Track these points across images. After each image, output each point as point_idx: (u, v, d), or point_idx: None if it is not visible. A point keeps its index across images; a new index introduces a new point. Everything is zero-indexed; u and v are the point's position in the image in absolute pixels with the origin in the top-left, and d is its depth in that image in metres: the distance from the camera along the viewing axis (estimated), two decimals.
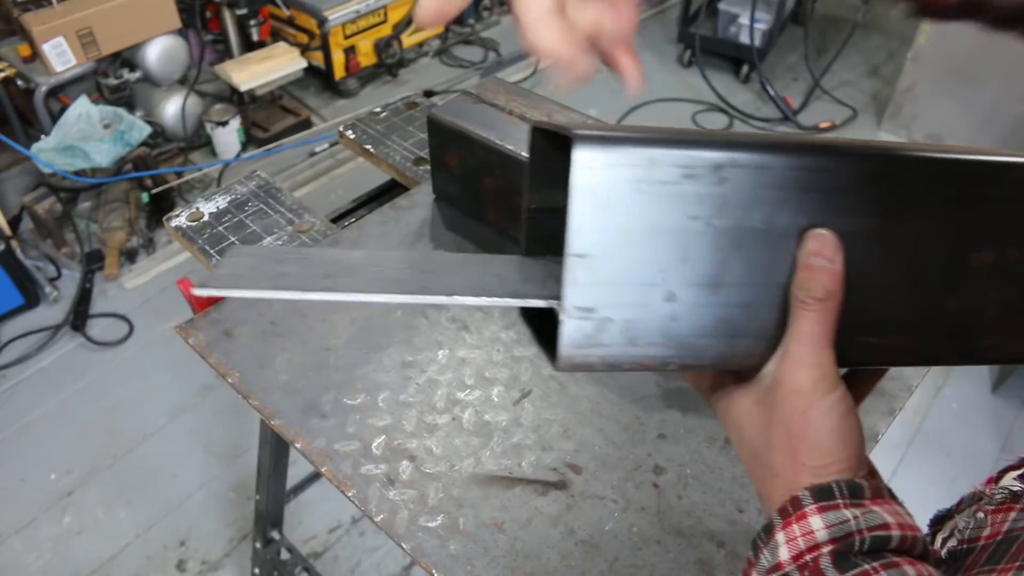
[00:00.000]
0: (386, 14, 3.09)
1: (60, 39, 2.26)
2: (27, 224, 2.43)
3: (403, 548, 0.68)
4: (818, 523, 0.37)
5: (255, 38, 2.89)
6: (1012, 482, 0.51)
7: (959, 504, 0.56)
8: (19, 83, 2.36)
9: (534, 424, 0.78)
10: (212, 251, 0.96)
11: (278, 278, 0.40)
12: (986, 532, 0.48)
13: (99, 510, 1.82)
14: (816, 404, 0.39)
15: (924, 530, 0.59)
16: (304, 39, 2.95)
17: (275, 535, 1.39)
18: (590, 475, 0.74)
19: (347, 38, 3.01)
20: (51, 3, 2.28)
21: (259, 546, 1.39)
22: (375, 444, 0.76)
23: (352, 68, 3.09)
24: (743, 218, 0.40)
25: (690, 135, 0.40)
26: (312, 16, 2.87)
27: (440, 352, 0.84)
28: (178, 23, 2.50)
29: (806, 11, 3.55)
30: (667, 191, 0.39)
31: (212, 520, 1.80)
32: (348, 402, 0.79)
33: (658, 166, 0.39)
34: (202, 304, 0.90)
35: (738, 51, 3.29)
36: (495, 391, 0.81)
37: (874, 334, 0.43)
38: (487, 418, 0.79)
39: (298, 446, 0.75)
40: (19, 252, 2.17)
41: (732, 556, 0.69)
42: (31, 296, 2.23)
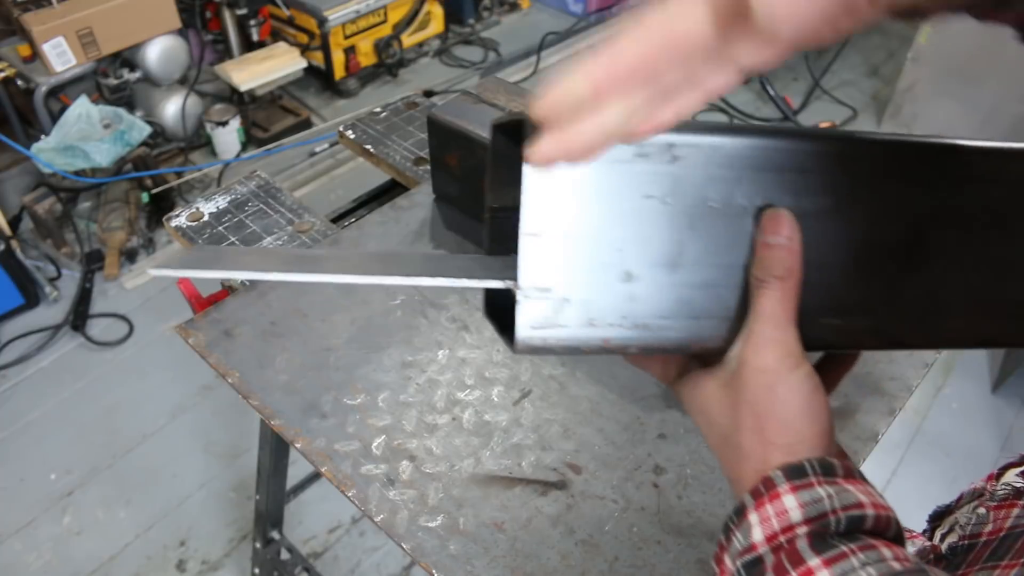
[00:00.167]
0: (386, 14, 3.09)
1: (60, 39, 2.26)
2: (27, 224, 2.43)
3: (403, 548, 0.68)
4: (792, 502, 0.37)
5: (255, 38, 2.89)
6: (1015, 478, 0.51)
7: (959, 500, 0.56)
8: (19, 83, 2.36)
9: (534, 424, 0.78)
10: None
11: (237, 262, 0.40)
12: (988, 528, 0.48)
13: (99, 510, 1.82)
14: (782, 381, 0.39)
15: (923, 527, 0.58)
16: (304, 39, 2.95)
17: (275, 535, 1.39)
18: (590, 475, 0.74)
19: (347, 38, 3.01)
20: (51, 3, 2.28)
21: (259, 546, 1.39)
22: (375, 444, 0.75)
23: (352, 68, 3.09)
24: (698, 197, 0.40)
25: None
26: (312, 16, 2.87)
27: (440, 352, 0.85)
28: (178, 23, 2.50)
29: None
30: (620, 170, 0.39)
31: (212, 520, 1.80)
32: (348, 402, 0.79)
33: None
34: (202, 304, 0.90)
35: None
36: (495, 391, 0.81)
37: (837, 315, 0.43)
38: (487, 418, 0.79)
39: (298, 446, 0.75)
40: (19, 252, 2.17)
41: None
42: (31, 296, 2.23)
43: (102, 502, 1.83)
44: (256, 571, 1.46)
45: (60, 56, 2.28)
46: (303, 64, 2.83)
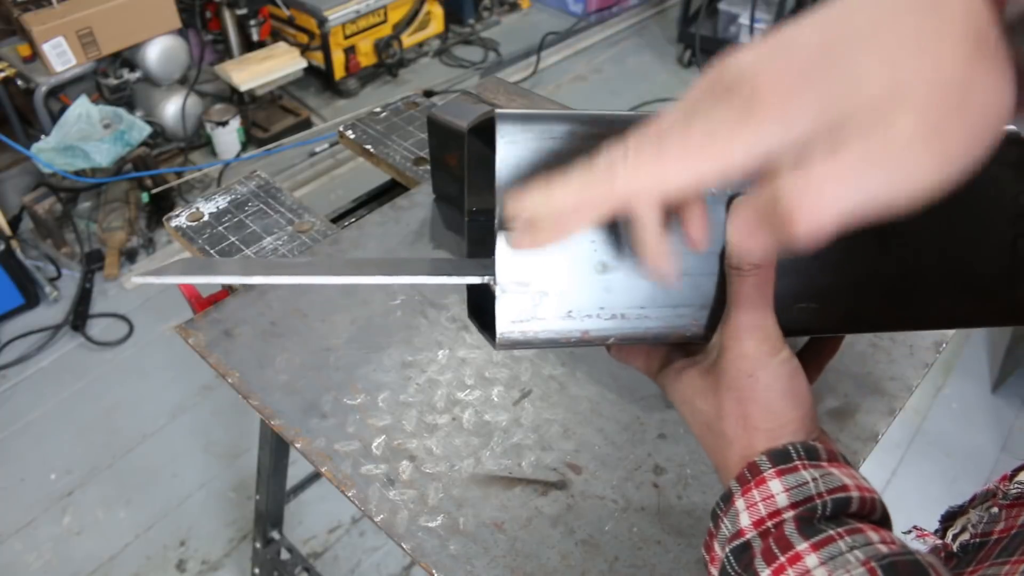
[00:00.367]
0: (386, 14, 3.09)
1: (60, 39, 2.26)
2: (27, 224, 2.44)
3: (403, 548, 0.68)
4: (777, 487, 0.37)
5: (255, 38, 2.89)
6: None
7: (971, 500, 0.56)
8: (19, 83, 2.36)
9: (534, 424, 0.78)
10: (212, 251, 0.96)
11: (215, 269, 0.41)
12: (1000, 526, 0.48)
13: (99, 510, 1.82)
14: (762, 367, 0.39)
15: (935, 526, 0.58)
16: (304, 39, 2.95)
17: (275, 535, 1.39)
18: (590, 475, 0.74)
19: (347, 38, 3.01)
20: (51, 3, 2.29)
21: (259, 546, 1.39)
22: (375, 444, 0.76)
23: (352, 68, 3.10)
24: None
25: (610, 113, 0.40)
26: (312, 16, 2.87)
27: (440, 352, 0.84)
28: (178, 23, 2.50)
29: (806, 11, 3.55)
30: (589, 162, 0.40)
31: (212, 520, 1.81)
32: (348, 402, 0.79)
33: (578, 138, 0.40)
34: (202, 304, 0.90)
35: None
36: (495, 391, 0.81)
37: (814, 300, 0.43)
38: (487, 418, 0.79)
39: (298, 446, 0.75)
40: (19, 252, 2.17)
41: None
42: (31, 296, 2.23)
43: (102, 502, 1.83)
44: (256, 571, 1.46)
45: (60, 56, 2.28)
46: (303, 64, 2.83)
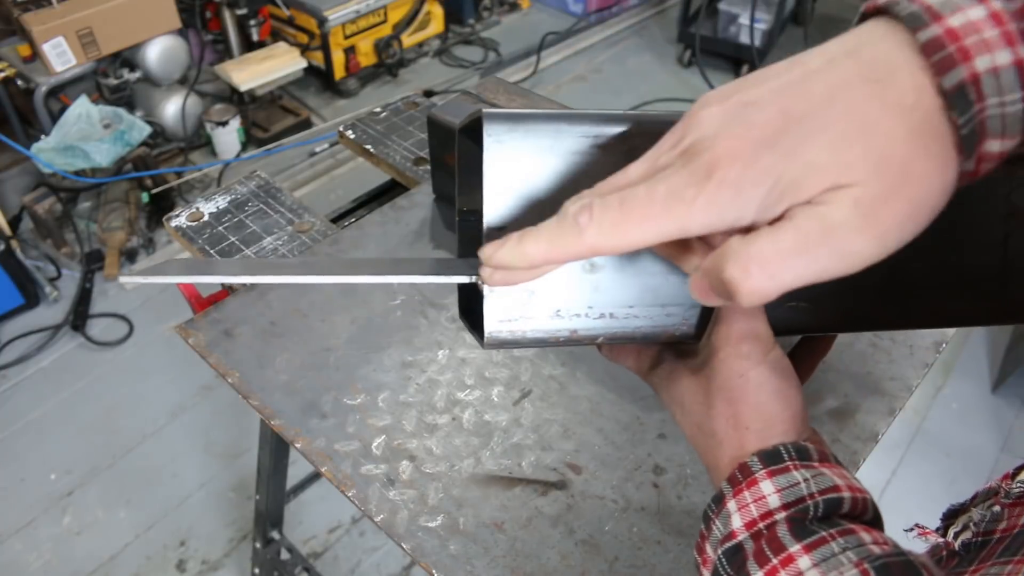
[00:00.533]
0: (386, 14, 3.09)
1: (60, 39, 2.26)
2: (27, 224, 2.44)
3: (403, 548, 0.68)
4: (769, 488, 0.37)
5: (255, 38, 2.89)
6: None
7: (973, 499, 0.56)
8: (19, 83, 2.36)
9: (534, 424, 0.78)
10: (212, 251, 0.96)
11: (203, 269, 0.41)
12: (1002, 525, 0.48)
13: (99, 510, 1.82)
14: (753, 367, 0.39)
15: (935, 526, 0.58)
16: (304, 39, 2.95)
17: (275, 535, 1.39)
18: (590, 475, 0.74)
19: (347, 38, 3.01)
20: (51, 3, 2.29)
21: (259, 546, 1.39)
22: (375, 444, 0.76)
23: (352, 68, 3.09)
24: None
25: (597, 113, 0.40)
26: (312, 16, 2.87)
27: (440, 352, 0.84)
28: (178, 23, 2.50)
29: (806, 11, 3.55)
30: (577, 161, 0.40)
31: (212, 520, 1.81)
32: (348, 402, 0.79)
33: (566, 136, 0.39)
34: (202, 304, 0.90)
35: (738, 51, 3.29)
36: (495, 391, 0.81)
37: (805, 298, 0.43)
38: (487, 418, 0.79)
39: (298, 446, 0.75)
40: (19, 252, 2.17)
41: None
42: (31, 296, 2.23)
43: (102, 502, 1.83)
44: (256, 571, 1.46)
45: (60, 56, 2.28)
46: (303, 64, 2.83)
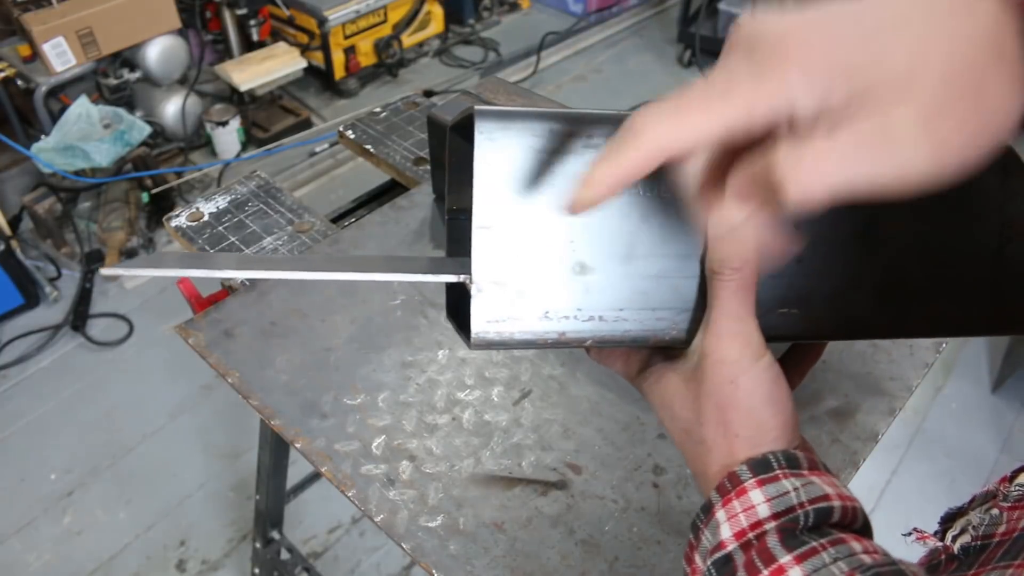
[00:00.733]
0: (386, 14, 3.09)
1: (60, 39, 2.26)
2: (27, 224, 2.43)
3: (403, 548, 0.68)
4: (758, 497, 0.36)
5: (255, 38, 2.89)
6: None
7: (971, 501, 0.56)
8: (19, 83, 2.36)
9: (534, 424, 0.78)
10: (212, 251, 0.96)
11: (190, 262, 0.40)
12: (1001, 529, 0.48)
13: (99, 510, 1.82)
14: (743, 373, 0.39)
15: (934, 528, 0.58)
16: (304, 39, 2.95)
17: (275, 535, 1.39)
18: (590, 475, 0.74)
19: (347, 38, 3.01)
20: (51, 3, 2.29)
21: (259, 546, 1.39)
22: (375, 444, 0.76)
23: (352, 68, 3.09)
24: (650, 187, 0.40)
25: (591, 112, 0.40)
26: (312, 16, 2.87)
27: (440, 352, 0.85)
28: (178, 23, 2.50)
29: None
30: (569, 161, 0.39)
31: (212, 520, 1.81)
32: (348, 402, 0.79)
33: (558, 137, 0.39)
34: (202, 304, 0.90)
35: None
36: (495, 391, 0.81)
37: (796, 305, 0.43)
38: (487, 418, 0.79)
39: (298, 446, 0.75)
40: (19, 252, 2.17)
41: None
42: (31, 296, 2.23)
43: (102, 502, 1.83)
44: (256, 571, 1.46)
45: (60, 56, 2.28)
46: (303, 64, 2.83)
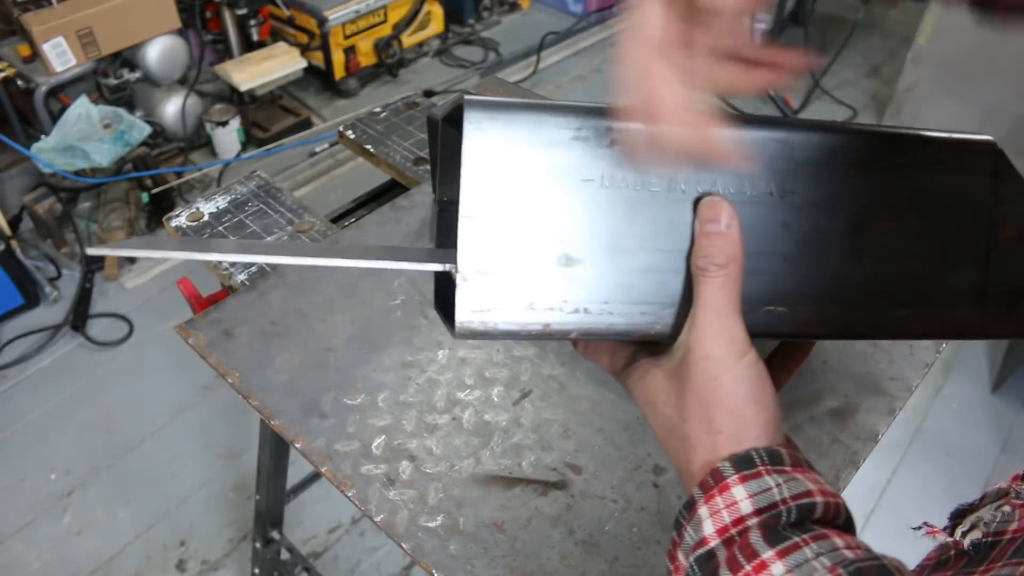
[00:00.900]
0: (386, 14, 3.09)
1: (60, 39, 2.26)
2: (27, 224, 2.43)
3: (403, 548, 0.68)
4: (741, 493, 0.36)
5: (255, 38, 2.89)
6: None
7: (982, 498, 0.56)
8: (19, 83, 2.36)
9: (534, 424, 0.78)
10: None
11: (179, 245, 0.40)
12: (1013, 526, 0.48)
13: (99, 510, 1.82)
14: (728, 370, 0.39)
15: (944, 523, 0.58)
16: (304, 39, 2.95)
17: (275, 535, 1.39)
18: (590, 475, 0.74)
19: (347, 38, 3.01)
20: (51, 3, 2.28)
21: (259, 546, 1.39)
22: (375, 444, 0.76)
23: (352, 68, 3.09)
24: (638, 182, 0.40)
25: (581, 104, 0.40)
26: (312, 16, 2.87)
27: (440, 352, 0.84)
28: (178, 23, 2.50)
29: (806, 11, 3.55)
30: (558, 153, 0.39)
31: (212, 520, 1.81)
32: (348, 402, 0.79)
33: (547, 128, 0.39)
34: (202, 304, 0.90)
35: None
36: (495, 391, 0.81)
37: (782, 303, 0.43)
38: (487, 418, 0.79)
39: (298, 446, 0.75)
40: (19, 252, 2.17)
41: None
42: (31, 296, 2.23)
43: (102, 502, 1.83)
44: (256, 571, 1.46)
45: (60, 56, 2.28)
46: (303, 64, 2.83)
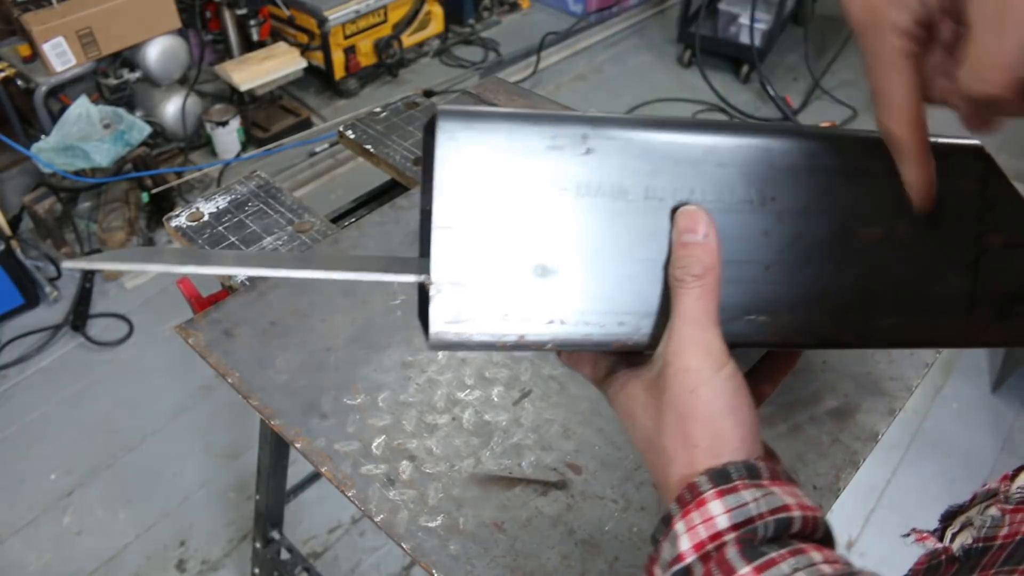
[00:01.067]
0: (386, 14, 3.09)
1: (60, 39, 2.26)
2: (27, 224, 2.43)
3: (403, 548, 0.68)
4: (718, 508, 0.36)
5: (255, 38, 2.89)
6: None
7: (972, 499, 0.56)
8: (19, 83, 2.36)
9: (534, 424, 0.78)
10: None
11: (155, 257, 0.40)
12: (1004, 531, 0.48)
13: (99, 510, 1.82)
14: (704, 383, 0.38)
15: (935, 525, 0.58)
16: (304, 39, 2.95)
17: (275, 535, 1.39)
18: (590, 475, 0.74)
19: (347, 38, 3.01)
20: (51, 3, 2.28)
21: (259, 546, 1.39)
22: (375, 444, 0.76)
23: (352, 68, 3.09)
24: (615, 190, 0.40)
25: (556, 113, 0.40)
26: (312, 16, 2.87)
27: (440, 352, 0.85)
28: (178, 23, 2.50)
29: (806, 11, 3.55)
30: (532, 162, 0.39)
31: (212, 520, 1.81)
32: (348, 402, 0.79)
33: (521, 137, 0.39)
34: (202, 304, 0.90)
35: (738, 51, 3.29)
36: (495, 391, 0.81)
37: (763, 312, 0.42)
38: (487, 418, 0.79)
39: (298, 446, 0.75)
40: (19, 252, 2.17)
41: None
42: (31, 296, 2.23)
43: (102, 502, 1.83)
44: (256, 571, 1.46)
45: (60, 56, 2.28)
46: (303, 64, 2.83)
